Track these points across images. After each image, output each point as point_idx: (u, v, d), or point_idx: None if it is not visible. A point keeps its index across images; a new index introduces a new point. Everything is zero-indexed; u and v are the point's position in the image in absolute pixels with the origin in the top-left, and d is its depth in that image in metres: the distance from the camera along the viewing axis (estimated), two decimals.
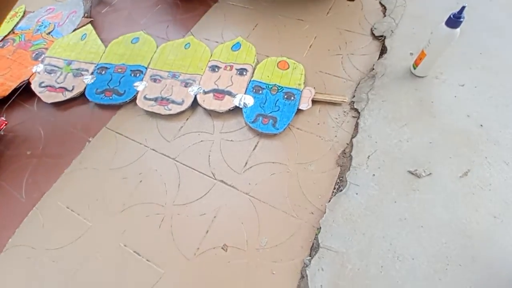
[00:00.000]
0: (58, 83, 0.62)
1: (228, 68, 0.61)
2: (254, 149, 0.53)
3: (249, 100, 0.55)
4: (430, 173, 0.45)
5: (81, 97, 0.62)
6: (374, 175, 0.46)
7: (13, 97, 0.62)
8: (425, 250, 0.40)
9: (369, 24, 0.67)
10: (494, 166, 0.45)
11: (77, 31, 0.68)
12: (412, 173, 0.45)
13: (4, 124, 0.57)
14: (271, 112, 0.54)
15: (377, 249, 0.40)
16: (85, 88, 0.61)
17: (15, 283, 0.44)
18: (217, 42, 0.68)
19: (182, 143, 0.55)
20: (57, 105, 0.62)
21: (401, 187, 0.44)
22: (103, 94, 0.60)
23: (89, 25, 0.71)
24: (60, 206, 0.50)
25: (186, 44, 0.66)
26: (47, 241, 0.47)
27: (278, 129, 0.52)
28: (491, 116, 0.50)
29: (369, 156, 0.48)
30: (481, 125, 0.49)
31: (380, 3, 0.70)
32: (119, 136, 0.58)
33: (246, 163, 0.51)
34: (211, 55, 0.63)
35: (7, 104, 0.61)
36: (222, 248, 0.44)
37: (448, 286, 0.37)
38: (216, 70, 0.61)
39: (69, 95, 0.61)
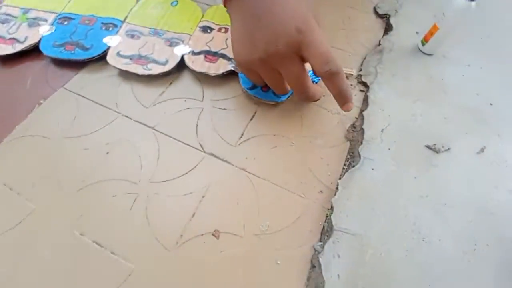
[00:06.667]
0: (9, 33, 0.49)
1: (223, 30, 0.52)
2: (251, 119, 0.45)
3: None
4: (449, 148, 0.41)
5: (36, 51, 0.49)
6: (389, 149, 0.41)
7: None
8: (452, 229, 0.35)
9: (371, 3, 0.63)
10: (507, 143, 0.43)
11: None
12: (431, 148, 0.41)
13: None
14: None
15: (400, 230, 0.34)
16: (40, 40, 0.49)
17: None
18: (208, 4, 0.59)
19: (164, 110, 0.45)
20: (5, 60, 0.49)
21: (420, 162, 0.40)
22: (63, 48, 0.48)
23: None
24: None
25: (173, 2, 0.56)
26: None
27: (280, 97, 0.45)
28: (499, 95, 0.48)
29: (382, 129, 0.43)
30: (491, 104, 0.47)
31: None
32: (81, 99, 0.46)
33: (242, 135, 0.43)
34: (203, 16, 0.55)
35: None
36: (212, 234, 0.35)
37: (478, 267, 0.33)
38: (209, 31, 0.52)
39: (19, 47, 0.48)
